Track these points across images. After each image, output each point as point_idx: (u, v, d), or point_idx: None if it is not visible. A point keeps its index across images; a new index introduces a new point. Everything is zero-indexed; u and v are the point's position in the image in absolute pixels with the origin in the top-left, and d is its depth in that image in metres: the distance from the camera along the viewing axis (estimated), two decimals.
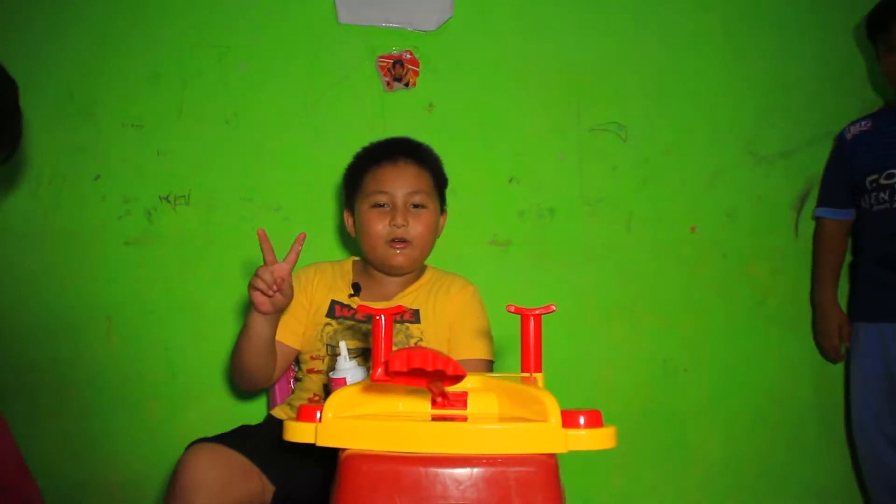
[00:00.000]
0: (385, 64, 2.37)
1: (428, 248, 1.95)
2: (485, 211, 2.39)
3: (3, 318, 2.22)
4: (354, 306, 1.89)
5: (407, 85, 2.37)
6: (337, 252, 2.32)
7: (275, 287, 1.66)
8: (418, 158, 1.95)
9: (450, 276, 2.00)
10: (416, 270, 1.98)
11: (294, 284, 1.90)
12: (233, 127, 2.31)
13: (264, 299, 1.69)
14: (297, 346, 1.90)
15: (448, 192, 2.33)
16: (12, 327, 2.22)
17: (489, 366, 1.91)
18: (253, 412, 2.24)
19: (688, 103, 2.49)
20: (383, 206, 1.89)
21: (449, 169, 2.36)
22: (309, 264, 1.98)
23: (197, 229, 2.29)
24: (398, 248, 1.89)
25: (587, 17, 2.45)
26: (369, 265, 1.97)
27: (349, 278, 1.95)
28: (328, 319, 1.88)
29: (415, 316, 1.89)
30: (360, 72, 2.36)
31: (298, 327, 1.90)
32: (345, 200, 2.02)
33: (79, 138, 2.25)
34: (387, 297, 1.93)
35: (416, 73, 2.38)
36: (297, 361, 1.96)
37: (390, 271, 1.94)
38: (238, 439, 1.64)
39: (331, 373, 1.63)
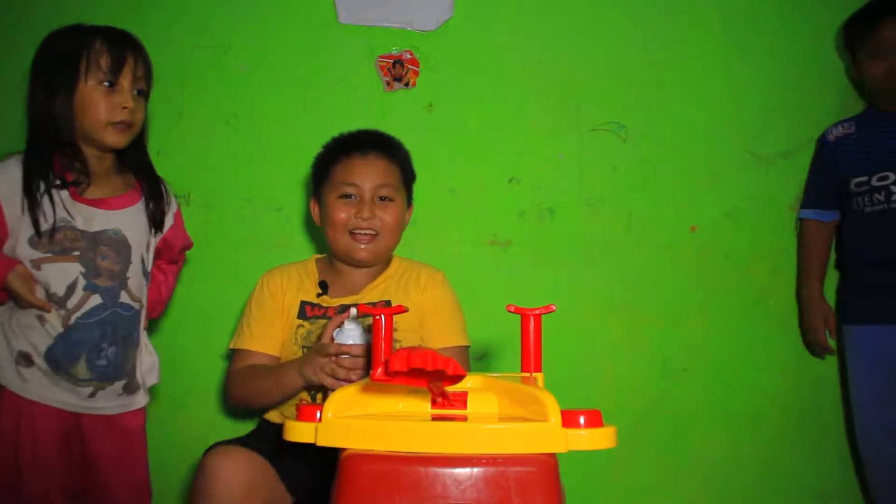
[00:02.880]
0: (385, 64, 2.37)
1: (393, 241, 1.96)
2: (485, 211, 2.39)
3: None
4: (325, 305, 1.90)
5: (407, 85, 2.38)
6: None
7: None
8: (388, 152, 1.96)
9: (417, 266, 2.02)
10: (382, 263, 1.99)
11: (264, 292, 1.92)
12: (233, 127, 2.31)
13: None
14: (279, 354, 1.91)
15: (448, 191, 2.34)
16: None
17: (467, 351, 1.96)
18: (250, 413, 2.24)
19: (688, 103, 2.48)
20: (350, 197, 1.90)
21: (449, 169, 2.37)
22: (273, 269, 1.98)
23: (197, 229, 2.28)
24: (363, 244, 1.90)
25: (587, 18, 2.45)
26: (335, 259, 1.97)
27: (315, 277, 1.95)
28: (300, 321, 1.88)
29: (386, 306, 1.91)
30: (359, 72, 2.37)
31: (279, 334, 1.90)
32: (312, 189, 2.02)
33: None
34: (355, 291, 1.93)
35: (416, 73, 2.38)
36: None
37: (354, 264, 1.94)
38: (257, 443, 1.63)
39: (335, 332, 1.62)
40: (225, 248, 2.28)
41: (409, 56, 2.38)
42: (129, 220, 1.76)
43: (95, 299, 1.68)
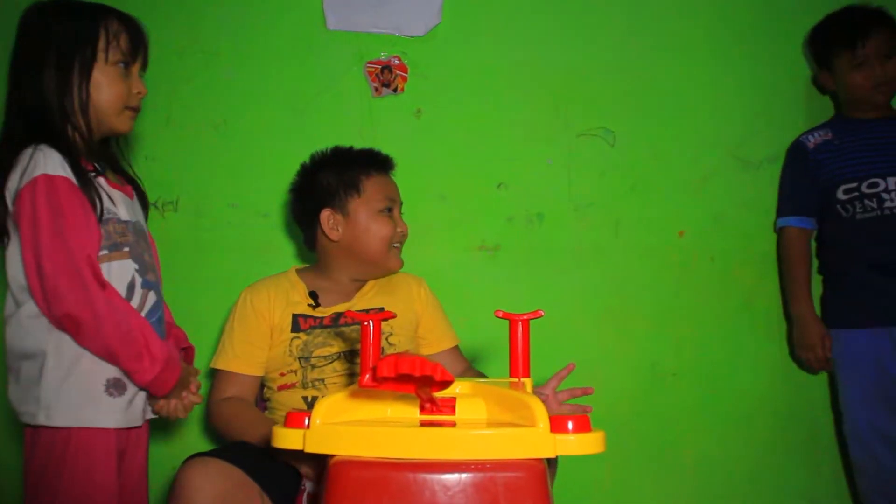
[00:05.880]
0: (373, 70, 2.37)
1: None
2: (473, 216, 2.39)
3: None
4: (319, 315, 1.91)
5: (395, 91, 2.38)
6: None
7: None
8: None
9: (395, 274, 2.06)
10: None
11: (248, 309, 1.91)
12: (221, 133, 2.31)
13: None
14: (262, 374, 1.91)
15: (437, 197, 2.34)
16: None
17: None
18: None
19: (675, 108, 2.49)
20: (389, 211, 1.96)
21: (437, 174, 2.37)
22: (255, 285, 1.96)
23: (185, 235, 2.28)
24: (398, 255, 2.00)
25: (575, 24, 2.46)
26: (341, 268, 1.98)
27: (301, 288, 1.95)
28: (294, 334, 1.88)
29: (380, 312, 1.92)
30: (348, 77, 2.37)
31: (262, 355, 1.89)
32: (322, 200, 1.96)
33: None
34: (346, 298, 1.96)
35: (405, 79, 2.38)
36: (262, 383, 1.95)
37: (383, 273, 2.00)
38: (235, 454, 1.61)
39: None
40: (213, 253, 2.27)
41: (397, 62, 2.38)
42: (141, 212, 1.68)
43: (152, 297, 1.59)
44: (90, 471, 1.47)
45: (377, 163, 2.00)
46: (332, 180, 1.96)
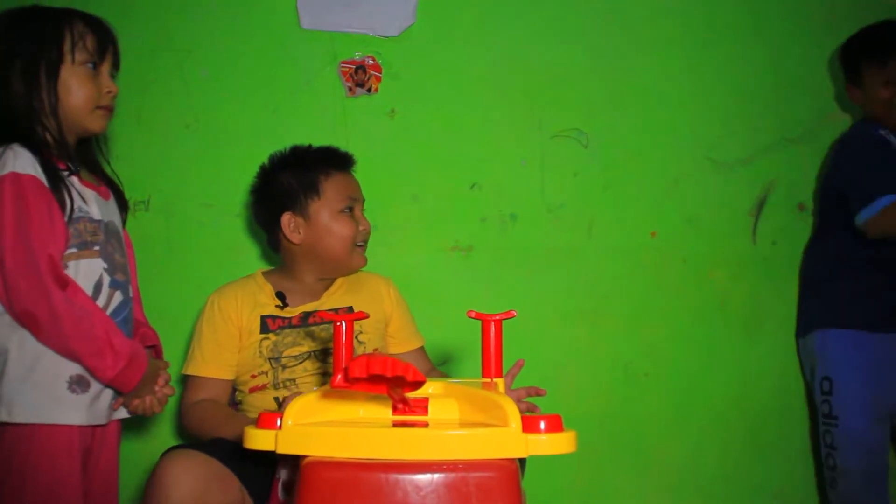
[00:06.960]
0: (347, 69, 2.36)
1: None
2: (447, 216, 2.40)
3: None
4: (288, 315, 1.90)
5: (369, 91, 2.37)
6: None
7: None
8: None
9: (362, 273, 2.06)
10: None
11: (216, 314, 1.90)
12: (193, 132, 2.29)
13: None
14: (233, 377, 1.90)
15: (410, 197, 2.34)
16: None
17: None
18: None
19: (648, 110, 2.51)
20: (351, 210, 1.94)
21: (411, 174, 2.37)
22: (222, 289, 1.95)
23: (157, 235, 2.27)
24: (362, 253, 1.97)
25: (549, 25, 2.46)
26: (304, 270, 1.97)
27: (268, 290, 1.94)
28: (263, 335, 1.88)
29: (349, 311, 1.92)
30: (322, 77, 2.36)
31: (232, 359, 1.88)
32: (282, 203, 1.95)
33: None
34: (314, 298, 1.95)
35: (379, 79, 2.38)
36: (234, 386, 1.95)
37: (347, 272, 1.99)
38: (214, 448, 1.60)
39: None
40: (184, 253, 2.26)
41: (371, 62, 2.38)
42: (116, 212, 1.70)
43: (118, 296, 1.60)
44: (53, 467, 1.48)
45: (336, 161, 1.98)
46: (291, 182, 1.95)
